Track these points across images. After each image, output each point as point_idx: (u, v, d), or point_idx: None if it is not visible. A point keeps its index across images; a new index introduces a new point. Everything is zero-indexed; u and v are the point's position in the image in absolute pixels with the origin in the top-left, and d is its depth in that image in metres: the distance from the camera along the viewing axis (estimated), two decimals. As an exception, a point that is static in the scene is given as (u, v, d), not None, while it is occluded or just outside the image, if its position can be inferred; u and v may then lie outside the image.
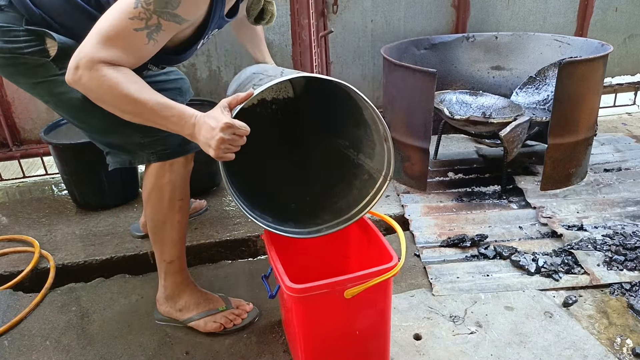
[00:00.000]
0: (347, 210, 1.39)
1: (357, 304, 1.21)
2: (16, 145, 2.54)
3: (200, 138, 1.11)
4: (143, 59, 1.11)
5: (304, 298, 1.14)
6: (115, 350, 1.50)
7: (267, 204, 1.42)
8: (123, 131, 1.32)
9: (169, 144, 1.36)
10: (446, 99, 2.36)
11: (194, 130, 1.11)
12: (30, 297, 1.73)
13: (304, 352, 1.24)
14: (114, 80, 1.04)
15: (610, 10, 2.89)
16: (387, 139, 1.27)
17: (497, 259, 1.79)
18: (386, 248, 1.26)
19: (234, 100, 1.13)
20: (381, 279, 1.16)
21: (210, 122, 1.08)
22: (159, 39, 1.08)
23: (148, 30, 1.05)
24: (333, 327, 1.23)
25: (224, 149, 1.09)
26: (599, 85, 2.11)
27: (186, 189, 1.45)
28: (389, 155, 1.29)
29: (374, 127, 1.31)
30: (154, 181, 1.40)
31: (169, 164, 1.38)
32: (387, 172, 1.32)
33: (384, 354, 1.34)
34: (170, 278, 1.52)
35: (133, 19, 1.02)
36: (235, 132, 1.08)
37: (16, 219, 2.21)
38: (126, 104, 1.09)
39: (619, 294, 1.59)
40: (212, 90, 2.65)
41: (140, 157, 1.38)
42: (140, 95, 1.07)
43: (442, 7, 2.74)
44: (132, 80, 1.07)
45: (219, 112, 1.10)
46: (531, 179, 2.27)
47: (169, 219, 1.43)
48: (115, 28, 1.03)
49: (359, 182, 1.42)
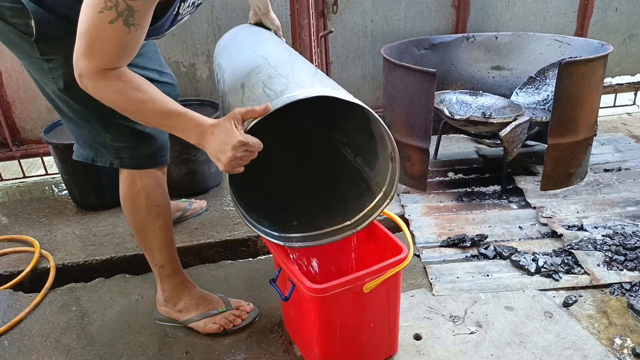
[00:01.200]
0: (343, 218, 1.34)
1: (373, 297, 1.25)
2: (16, 145, 2.54)
3: (210, 150, 1.08)
4: (134, 49, 1.04)
5: (324, 297, 1.16)
6: (115, 350, 1.50)
7: (264, 204, 1.39)
8: (94, 127, 1.30)
9: (136, 154, 1.34)
10: (446, 99, 2.36)
11: (201, 140, 1.08)
12: (30, 297, 1.73)
13: (321, 349, 1.26)
14: (117, 89, 1.02)
15: (610, 10, 2.89)
16: (394, 159, 1.22)
17: (497, 259, 1.79)
18: (394, 241, 1.31)
19: (248, 114, 1.05)
20: (397, 270, 1.21)
21: (221, 136, 1.04)
22: (138, 22, 0.99)
23: (122, 18, 0.96)
24: (350, 321, 1.25)
25: (234, 164, 1.06)
26: (599, 85, 2.11)
27: (162, 194, 1.43)
28: (394, 176, 1.25)
29: (380, 142, 1.26)
30: (126, 189, 1.39)
31: (137, 171, 1.36)
32: (388, 190, 1.28)
33: (394, 342, 1.40)
34: (166, 281, 1.52)
35: (102, 12, 0.95)
36: (248, 149, 1.04)
37: (16, 219, 2.21)
38: (133, 113, 1.07)
39: (619, 294, 1.59)
40: (212, 90, 2.65)
41: (103, 157, 1.36)
42: (143, 106, 1.05)
43: (442, 7, 2.74)
44: (134, 87, 1.04)
45: (231, 126, 1.04)
46: (531, 179, 2.27)
47: (149, 225, 1.42)
48: (91, 29, 0.97)
49: (356, 189, 1.38)
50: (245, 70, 1.27)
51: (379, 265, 1.21)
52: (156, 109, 1.06)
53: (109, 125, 1.29)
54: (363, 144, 1.37)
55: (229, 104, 1.23)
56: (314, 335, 1.25)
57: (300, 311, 1.32)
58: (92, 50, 0.98)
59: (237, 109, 1.06)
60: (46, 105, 2.49)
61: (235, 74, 1.30)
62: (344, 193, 1.41)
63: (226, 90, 1.30)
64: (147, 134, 1.34)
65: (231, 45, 1.51)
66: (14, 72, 2.41)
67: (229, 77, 1.33)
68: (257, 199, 1.37)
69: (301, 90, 1.07)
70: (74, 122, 1.33)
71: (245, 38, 1.53)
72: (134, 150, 1.34)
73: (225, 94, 1.31)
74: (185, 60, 2.56)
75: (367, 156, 1.37)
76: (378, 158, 1.31)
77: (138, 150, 1.34)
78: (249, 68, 1.26)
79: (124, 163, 1.36)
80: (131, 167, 1.36)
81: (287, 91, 1.07)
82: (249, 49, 1.43)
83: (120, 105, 1.05)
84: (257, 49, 1.41)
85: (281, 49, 1.41)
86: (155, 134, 1.36)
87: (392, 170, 1.25)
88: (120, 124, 1.29)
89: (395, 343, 1.40)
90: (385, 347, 1.38)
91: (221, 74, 1.42)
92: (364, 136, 1.34)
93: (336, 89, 1.12)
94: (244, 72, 1.26)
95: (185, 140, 1.11)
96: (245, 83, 1.21)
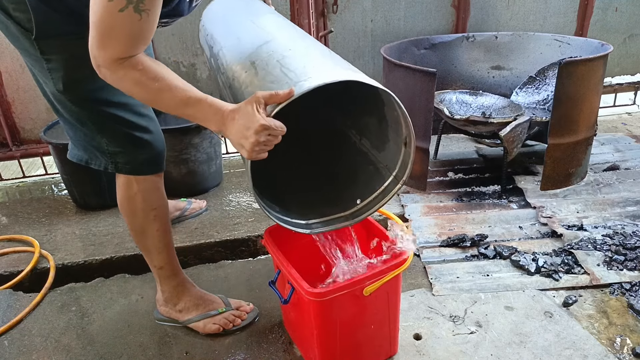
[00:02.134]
0: (351, 204, 1.30)
1: (373, 299, 1.24)
2: (16, 145, 2.54)
3: (232, 137, 1.04)
4: (148, 35, 1.00)
5: (324, 300, 1.16)
6: (115, 350, 1.50)
7: (271, 189, 1.30)
8: (90, 130, 1.29)
9: (131, 160, 1.33)
10: (446, 99, 2.36)
11: (222, 127, 1.05)
12: (30, 297, 1.73)
13: (321, 350, 1.26)
14: (134, 80, 1.00)
15: (610, 10, 2.89)
16: (408, 144, 1.17)
17: (497, 259, 1.78)
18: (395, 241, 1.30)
19: (271, 98, 1.00)
20: (397, 272, 1.21)
21: (242, 121, 1.00)
22: (149, 7, 0.96)
23: (132, 5, 0.94)
24: (350, 323, 1.25)
25: (258, 150, 1.02)
26: (599, 85, 2.11)
27: (159, 197, 1.42)
28: (407, 159, 1.20)
29: (392, 126, 1.21)
30: (123, 192, 1.38)
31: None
32: (399, 175, 1.24)
33: (394, 342, 1.40)
34: (165, 282, 1.52)
35: (112, 0, 0.92)
36: (271, 134, 1.00)
37: (16, 219, 2.21)
38: (152, 102, 1.06)
39: (619, 293, 1.59)
40: (212, 90, 2.64)
41: (98, 160, 1.34)
42: (161, 95, 1.03)
43: (442, 7, 2.74)
44: (152, 77, 1.01)
45: (252, 110, 0.99)
46: (531, 179, 2.27)
47: (147, 228, 1.41)
48: (102, 19, 0.94)
49: (363, 173, 1.33)
50: (251, 45, 1.20)
51: (379, 268, 1.20)
52: (174, 97, 1.03)
53: (105, 130, 1.28)
54: (370, 126, 1.31)
55: (239, 81, 1.17)
56: (314, 336, 1.24)
57: (299, 313, 1.32)
58: (106, 40, 0.96)
59: (259, 92, 1.01)
60: (46, 105, 2.49)
61: (240, 49, 1.24)
62: (351, 177, 1.36)
63: (231, 65, 1.23)
64: (144, 140, 1.32)
65: (226, 16, 1.43)
66: (14, 72, 2.41)
67: (232, 51, 1.26)
68: (268, 189, 1.29)
69: (324, 74, 1.01)
70: (70, 123, 1.31)
71: (240, 7, 1.45)
72: (129, 156, 1.32)
73: (230, 70, 1.23)
74: (185, 60, 2.57)
75: (374, 139, 1.31)
76: (388, 141, 1.26)
77: (133, 156, 1.33)
78: (256, 43, 1.19)
79: (118, 168, 1.34)
80: (126, 172, 1.35)
81: (308, 74, 1.02)
82: (248, 20, 1.36)
83: (139, 95, 1.03)
84: (258, 21, 1.33)
85: (284, 22, 1.35)
86: (152, 141, 1.34)
87: (404, 154, 1.21)
88: (116, 129, 1.28)
89: (395, 343, 1.40)
90: (386, 348, 1.38)
91: (218, 47, 1.34)
92: (373, 119, 1.29)
93: (357, 72, 1.08)
94: (251, 48, 1.19)
95: (206, 128, 1.09)
96: (255, 61, 1.15)
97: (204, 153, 2.23)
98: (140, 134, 1.31)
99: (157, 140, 1.37)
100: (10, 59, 2.38)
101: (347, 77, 1.01)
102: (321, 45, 1.28)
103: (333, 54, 1.22)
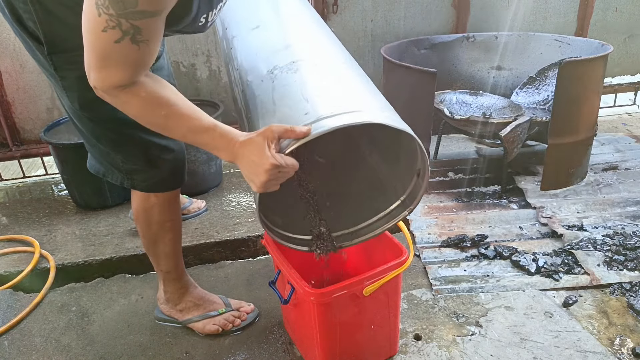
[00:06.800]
0: (354, 221, 1.29)
1: (373, 300, 1.24)
2: (16, 145, 2.54)
3: (242, 171, 1.00)
4: (148, 62, 0.93)
5: (324, 301, 1.16)
6: (115, 350, 1.50)
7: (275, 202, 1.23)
8: (106, 147, 1.25)
9: (148, 179, 1.30)
10: (446, 99, 2.36)
11: (234, 159, 1.01)
12: (30, 297, 1.73)
13: (321, 350, 1.26)
14: (137, 107, 0.95)
15: (610, 10, 2.89)
16: (421, 176, 1.12)
17: (497, 259, 1.78)
18: (395, 243, 1.31)
19: (285, 133, 0.94)
20: (396, 273, 1.21)
21: (253, 157, 0.95)
22: (147, 38, 0.88)
23: (129, 36, 0.86)
24: (350, 323, 1.25)
25: (268, 186, 0.99)
26: (599, 85, 2.11)
27: (175, 209, 1.40)
28: (417, 191, 1.16)
29: (407, 154, 1.14)
30: (139, 203, 1.35)
31: None
32: (407, 203, 1.20)
33: (394, 343, 1.40)
34: (170, 284, 1.52)
35: (106, 31, 0.84)
36: (281, 171, 0.96)
37: (16, 219, 2.21)
38: (159, 129, 1.01)
39: (619, 294, 1.59)
40: (212, 90, 2.65)
41: (114, 175, 1.31)
42: (167, 123, 0.98)
43: (442, 7, 2.74)
44: (156, 104, 0.95)
45: (263, 145, 0.94)
46: (531, 179, 2.27)
47: (160, 238, 1.40)
48: (98, 47, 0.87)
49: (369, 190, 1.29)
50: (272, 45, 1.10)
51: (379, 269, 1.21)
52: (182, 126, 0.98)
53: (120, 149, 1.24)
54: (383, 140, 1.25)
55: (252, 93, 1.08)
56: (314, 336, 1.25)
57: (300, 313, 1.32)
58: (103, 66, 0.89)
59: (273, 125, 0.95)
60: (46, 105, 2.49)
61: (258, 46, 1.13)
62: (355, 192, 1.32)
63: (247, 65, 1.13)
64: (162, 159, 1.28)
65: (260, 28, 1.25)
66: (14, 72, 2.41)
67: (249, 45, 1.16)
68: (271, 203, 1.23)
69: (346, 116, 0.93)
70: (86, 137, 1.28)
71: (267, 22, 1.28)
72: (146, 174, 1.29)
73: (244, 70, 1.14)
74: (185, 60, 2.56)
75: (385, 154, 1.26)
76: (399, 162, 1.21)
77: (150, 174, 1.29)
78: (277, 43, 1.09)
79: (134, 185, 1.31)
80: (142, 190, 1.32)
81: (329, 107, 0.94)
82: (269, 7, 1.22)
83: (144, 121, 0.99)
84: (282, 10, 1.21)
85: (309, 13, 1.21)
86: (172, 159, 1.30)
87: (415, 184, 1.18)
88: (133, 148, 1.24)
89: (395, 343, 1.40)
90: (386, 348, 1.38)
91: (233, 33, 1.23)
92: (387, 140, 1.22)
93: (384, 111, 0.99)
94: (271, 49, 1.09)
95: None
96: (274, 71, 1.05)
97: (204, 153, 2.23)
98: (159, 153, 1.27)
99: (178, 158, 1.32)
100: (10, 59, 2.37)
101: (373, 119, 0.93)
102: (348, 57, 1.18)
103: (361, 72, 1.12)
